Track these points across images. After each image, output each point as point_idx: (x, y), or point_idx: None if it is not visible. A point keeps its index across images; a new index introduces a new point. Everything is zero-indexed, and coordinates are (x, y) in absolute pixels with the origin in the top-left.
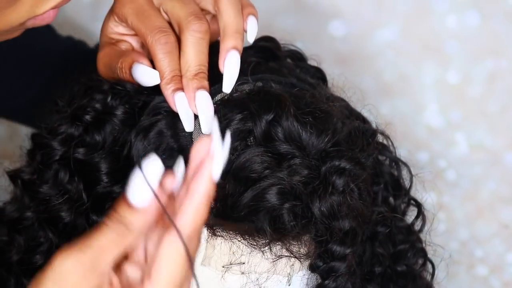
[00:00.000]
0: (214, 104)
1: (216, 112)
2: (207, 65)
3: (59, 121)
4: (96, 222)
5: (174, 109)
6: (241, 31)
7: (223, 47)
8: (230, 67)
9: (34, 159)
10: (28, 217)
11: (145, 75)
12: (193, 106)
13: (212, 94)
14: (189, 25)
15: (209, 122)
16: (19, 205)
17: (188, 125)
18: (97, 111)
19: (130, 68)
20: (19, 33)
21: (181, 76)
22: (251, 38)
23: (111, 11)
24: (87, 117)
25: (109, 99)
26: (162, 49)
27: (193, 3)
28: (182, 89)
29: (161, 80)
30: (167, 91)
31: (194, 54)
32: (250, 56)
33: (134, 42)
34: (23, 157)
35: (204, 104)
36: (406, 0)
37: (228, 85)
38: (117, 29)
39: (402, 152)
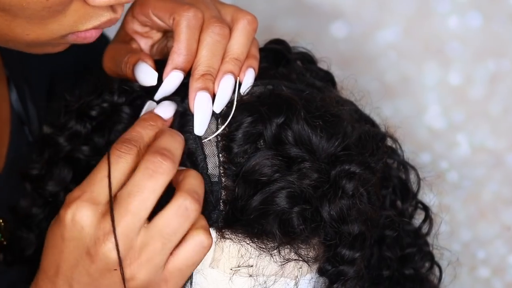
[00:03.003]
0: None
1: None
2: (217, 67)
3: (66, 117)
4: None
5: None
6: (242, 59)
7: (220, 69)
8: (223, 90)
9: (43, 155)
10: (36, 213)
11: (145, 74)
12: (192, 105)
13: None
14: (210, 26)
15: (204, 124)
16: (30, 201)
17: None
18: (104, 111)
19: (134, 64)
20: (62, 48)
21: None
22: (243, 90)
23: (132, 7)
24: (93, 113)
25: (115, 97)
26: (186, 20)
27: (216, 10)
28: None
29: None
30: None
31: (207, 55)
32: (260, 59)
33: (143, 43)
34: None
35: (202, 105)
36: (408, 1)
37: (218, 107)
38: (132, 24)
39: (403, 153)
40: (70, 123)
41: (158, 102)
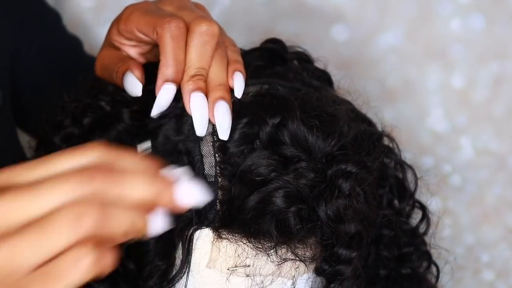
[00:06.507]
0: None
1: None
2: (207, 68)
3: (62, 116)
4: None
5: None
6: (225, 83)
7: (210, 100)
8: (219, 117)
9: (38, 152)
10: None
11: (131, 85)
12: (188, 108)
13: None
14: (196, 26)
15: (203, 124)
16: None
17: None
18: (102, 112)
19: (123, 74)
20: None
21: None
22: (238, 94)
23: (117, 21)
24: (86, 120)
25: (108, 108)
26: (168, 32)
27: (203, 13)
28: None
29: (167, 69)
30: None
31: (196, 57)
32: (256, 59)
33: (133, 52)
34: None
35: (198, 106)
36: (410, 4)
37: (223, 133)
38: (118, 38)
39: (406, 157)
40: (65, 122)
41: (155, 119)
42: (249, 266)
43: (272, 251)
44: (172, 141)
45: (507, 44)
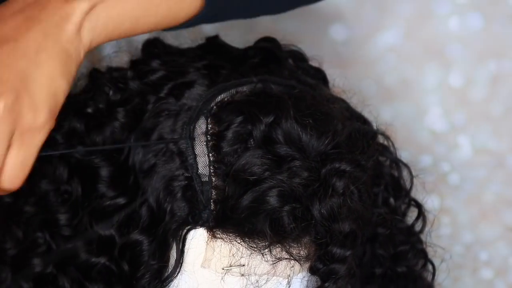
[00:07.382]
0: (213, 105)
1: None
2: None
3: (64, 113)
4: (99, 233)
5: None
6: None
7: None
8: None
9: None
10: (26, 211)
11: None
12: None
13: (212, 95)
14: None
15: None
16: (15, 196)
17: None
18: (98, 114)
19: None
20: None
21: None
22: None
23: None
24: (89, 109)
25: (110, 93)
26: None
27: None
28: None
29: None
30: None
31: None
32: (250, 57)
33: None
34: None
35: None
36: (408, 4)
37: None
38: None
39: (404, 156)
40: (67, 119)
41: (151, 117)
42: (243, 265)
43: (266, 250)
44: (166, 140)
45: (505, 43)
